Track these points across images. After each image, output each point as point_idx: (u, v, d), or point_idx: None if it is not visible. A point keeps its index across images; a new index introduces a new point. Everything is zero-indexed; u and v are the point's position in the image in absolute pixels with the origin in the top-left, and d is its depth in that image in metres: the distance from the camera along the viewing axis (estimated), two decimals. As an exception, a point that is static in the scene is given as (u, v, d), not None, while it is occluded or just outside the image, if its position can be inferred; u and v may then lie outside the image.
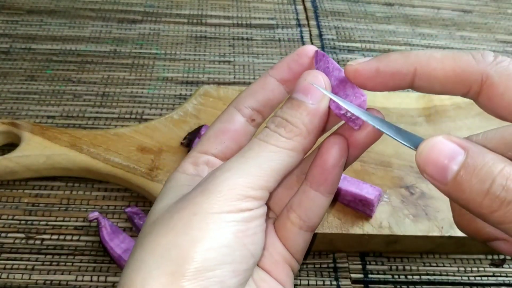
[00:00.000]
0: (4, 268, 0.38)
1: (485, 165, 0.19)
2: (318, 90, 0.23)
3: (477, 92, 0.22)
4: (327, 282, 0.39)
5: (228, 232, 0.21)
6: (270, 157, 0.22)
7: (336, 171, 0.24)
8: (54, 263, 0.38)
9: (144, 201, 0.42)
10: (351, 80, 0.24)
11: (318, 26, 0.63)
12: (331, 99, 0.23)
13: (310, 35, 0.61)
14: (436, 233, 0.38)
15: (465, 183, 0.19)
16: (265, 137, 0.23)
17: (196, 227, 0.21)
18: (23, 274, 0.37)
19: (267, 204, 0.25)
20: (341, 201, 0.40)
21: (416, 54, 0.23)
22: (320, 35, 0.61)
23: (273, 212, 0.27)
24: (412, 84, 0.23)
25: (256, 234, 0.22)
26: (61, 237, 0.40)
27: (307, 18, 0.64)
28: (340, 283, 0.39)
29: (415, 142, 0.22)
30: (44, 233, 0.40)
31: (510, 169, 0.19)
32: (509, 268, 0.41)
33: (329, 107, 0.24)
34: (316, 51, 0.25)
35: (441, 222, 0.39)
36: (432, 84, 0.22)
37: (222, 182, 0.22)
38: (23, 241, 0.39)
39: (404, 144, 0.22)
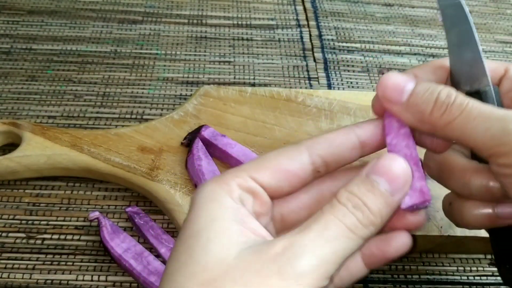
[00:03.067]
0: (5, 268, 0.38)
1: (431, 85, 0.25)
2: (400, 180, 0.23)
3: (498, 83, 0.28)
4: (327, 282, 0.39)
5: None
6: (345, 244, 0.22)
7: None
8: (54, 263, 0.38)
9: (145, 200, 0.42)
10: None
11: (318, 27, 0.63)
12: None
13: (310, 35, 0.61)
14: (435, 232, 0.39)
15: (418, 98, 0.25)
16: (343, 218, 0.22)
17: None
18: (24, 273, 0.38)
19: None
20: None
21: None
22: (320, 36, 0.61)
23: None
24: None
25: None
26: (62, 236, 0.40)
27: (307, 19, 0.64)
28: (339, 283, 0.39)
29: None
30: (45, 233, 0.40)
31: (450, 87, 0.25)
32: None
33: None
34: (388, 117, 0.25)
35: (440, 222, 0.39)
36: None
37: (301, 267, 0.21)
38: (24, 241, 0.40)
39: None
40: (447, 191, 0.31)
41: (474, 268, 0.40)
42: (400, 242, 0.25)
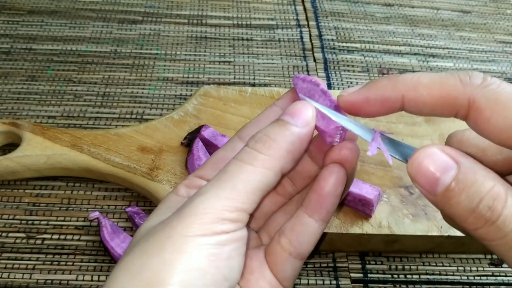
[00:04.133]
0: (5, 268, 0.38)
1: (475, 182, 0.19)
2: (305, 116, 0.23)
3: (465, 115, 0.21)
4: (327, 282, 0.39)
5: (201, 256, 0.21)
6: (246, 178, 0.22)
7: (332, 200, 0.24)
8: (54, 263, 0.38)
9: (145, 200, 0.42)
10: (344, 109, 0.24)
11: (318, 27, 0.63)
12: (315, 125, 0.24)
13: (310, 35, 0.61)
14: (435, 232, 0.39)
15: (454, 198, 0.20)
16: (242, 156, 0.23)
17: (169, 249, 0.21)
18: (24, 273, 0.38)
19: (263, 230, 0.26)
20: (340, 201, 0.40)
21: (404, 80, 0.22)
22: (320, 36, 0.61)
23: (270, 237, 0.26)
24: (402, 108, 0.23)
25: (231, 258, 0.22)
26: (62, 236, 0.40)
27: (307, 19, 0.64)
28: (339, 283, 0.39)
29: (406, 153, 0.22)
30: (45, 233, 0.40)
31: (499, 189, 0.19)
32: (508, 267, 0.41)
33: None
34: (296, 78, 0.26)
35: (440, 222, 0.39)
36: (421, 109, 0.22)
37: (197, 205, 0.22)
38: (24, 241, 0.40)
39: (395, 157, 0.22)
40: None
41: (474, 268, 0.40)
42: (330, 171, 0.24)
